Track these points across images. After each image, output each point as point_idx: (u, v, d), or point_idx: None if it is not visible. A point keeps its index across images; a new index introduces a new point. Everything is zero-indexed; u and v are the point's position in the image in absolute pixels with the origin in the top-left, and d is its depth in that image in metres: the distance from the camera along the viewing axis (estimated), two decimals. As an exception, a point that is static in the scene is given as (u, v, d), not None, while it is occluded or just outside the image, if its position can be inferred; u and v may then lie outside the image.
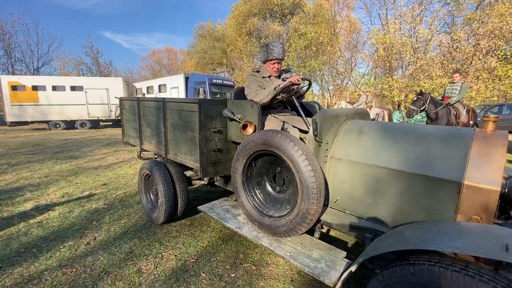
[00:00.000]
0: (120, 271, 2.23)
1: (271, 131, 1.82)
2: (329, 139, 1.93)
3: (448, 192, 1.42)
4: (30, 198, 3.97)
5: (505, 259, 0.90)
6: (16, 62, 28.06)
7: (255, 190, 2.10)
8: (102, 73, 30.13)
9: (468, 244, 1.01)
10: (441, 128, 1.73)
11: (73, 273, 2.19)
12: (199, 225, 3.06)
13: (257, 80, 2.32)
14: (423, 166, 1.52)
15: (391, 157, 1.65)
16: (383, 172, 1.66)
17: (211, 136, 2.37)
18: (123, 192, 4.21)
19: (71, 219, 3.25)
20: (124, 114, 3.80)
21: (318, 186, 1.61)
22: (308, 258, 1.69)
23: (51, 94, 15.47)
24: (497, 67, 13.65)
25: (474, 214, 1.36)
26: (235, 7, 25.83)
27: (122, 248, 2.57)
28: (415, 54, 15.21)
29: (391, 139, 1.74)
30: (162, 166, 2.87)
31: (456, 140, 1.51)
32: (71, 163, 6.32)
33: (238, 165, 2.05)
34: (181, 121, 2.54)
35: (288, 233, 1.79)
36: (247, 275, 2.16)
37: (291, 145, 1.67)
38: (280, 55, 2.33)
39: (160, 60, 45.00)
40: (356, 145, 1.85)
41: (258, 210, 2.00)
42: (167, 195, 2.75)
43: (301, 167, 1.63)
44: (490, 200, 1.31)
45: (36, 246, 2.62)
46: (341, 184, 1.90)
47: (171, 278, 2.12)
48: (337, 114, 1.99)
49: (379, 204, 1.71)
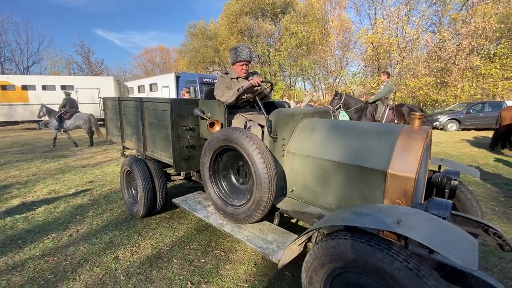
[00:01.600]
0: (98, 258, 2.41)
1: (231, 128, 2.02)
2: (286, 135, 2.14)
3: (377, 180, 1.65)
4: (17, 195, 4.11)
5: (393, 230, 1.11)
6: (5, 61, 27.73)
7: (221, 182, 2.30)
8: (93, 72, 29.94)
9: (372, 219, 1.22)
10: (377, 124, 1.95)
11: (55, 261, 2.37)
12: (177, 218, 3.26)
13: (225, 81, 2.51)
14: (358, 158, 1.74)
15: (334, 151, 1.87)
16: (328, 164, 1.88)
17: (183, 134, 2.56)
18: (108, 189, 4.37)
19: (56, 214, 3.41)
20: (108, 113, 3.96)
21: (270, 176, 1.82)
22: (262, 241, 1.90)
23: (41, 93, 15.39)
24: (480, 66, 14.09)
25: (397, 198, 1.58)
26: (227, 6, 25.91)
27: (102, 239, 2.75)
28: (401, 54, 15.56)
29: (336, 135, 1.95)
30: (141, 162, 3.05)
31: (386, 135, 1.74)
32: (59, 162, 6.44)
33: (205, 159, 2.25)
34: (156, 120, 2.73)
35: (247, 219, 2.00)
36: (216, 260, 2.36)
37: (247, 141, 1.87)
38: (248, 58, 2.53)
39: (153, 59, 44.76)
40: (308, 141, 2.07)
41: (223, 200, 2.21)
42: (145, 189, 2.93)
43: (255, 160, 1.83)
44: (407, 185, 1.53)
45: (21, 238, 2.78)
46: (296, 176, 2.11)
47: (145, 264, 2.31)
48: (293, 113, 2.19)
49: (326, 193, 1.93)
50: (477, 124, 12.54)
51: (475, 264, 0.96)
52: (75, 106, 8.89)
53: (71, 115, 8.47)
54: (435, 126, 13.28)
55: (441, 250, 0.97)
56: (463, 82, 14.95)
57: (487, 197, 3.91)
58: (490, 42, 14.63)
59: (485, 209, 3.46)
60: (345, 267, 1.30)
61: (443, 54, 14.62)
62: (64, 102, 8.62)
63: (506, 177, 4.91)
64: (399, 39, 16.05)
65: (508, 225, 3.03)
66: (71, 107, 8.67)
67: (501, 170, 5.40)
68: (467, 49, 13.61)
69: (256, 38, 22.91)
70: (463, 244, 1.06)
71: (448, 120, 12.96)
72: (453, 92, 14.81)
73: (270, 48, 23.26)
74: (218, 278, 2.12)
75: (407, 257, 1.10)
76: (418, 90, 14.96)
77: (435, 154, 7.10)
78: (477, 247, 1.07)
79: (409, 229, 1.09)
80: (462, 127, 12.78)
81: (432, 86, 14.93)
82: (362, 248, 1.20)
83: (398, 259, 1.10)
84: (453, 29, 15.04)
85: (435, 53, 15.29)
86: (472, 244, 1.08)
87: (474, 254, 1.01)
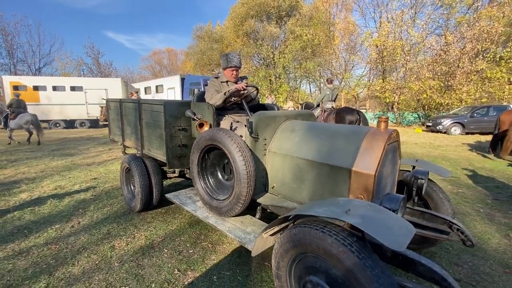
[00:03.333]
0: (96, 247, 2.62)
1: (216, 128, 2.21)
2: (267, 135, 2.31)
3: (343, 177, 1.81)
4: (26, 190, 4.38)
5: (340, 218, 1.27)
6: (18, 62, 28.66)
7: (208, 178, 2.48)
8: (102, 74, 30.67)
9: (326, 210, 1.38)
10: (348, 126, 2.11)
11: (56, 249, 2.59)
12: (172, 213, 3.45)
13: (215, 85, 2.71)
14: (328, 157, 1.90)
15: (309, 150, 2.04)
16: (303, 162, 2.04)
17: (176, 133, 2.76)
18: (110, 186, 4.61)
19: (60, 207, 3.65)
20: (110, 114, 4.20)
21: (248, 173, 1.99)
22: (242, 232, 2.07)
23: (51, 94, 15.95)
24: (485, 69, 13.97)
25: (360, 194, 1.74)
26: (233, 9, 26.26)
27: (101, 230, 2.97)
28: (405, 57, 15.54)
29: (311, 136, 2.12)
30: (139, 160, 3.26)
31: (354, 136, 1.89)
32: (66, 160, 6.74)
33: (194, 157, 2.44)
34: (152, 120, 2.94)
35: (229, 212, 2.18)
36: (203, 251, 2.54)
37: (228, 140, 2.06)
38: (237, 64, 2.73)
39: (161, 61, 45.59)
40: (287, 141, 2.24)
41: (209, 194, 2.39)
42: (142, 185, 3.13)
43: (236, 157, 2.01)
44: (368, 182, 1.69)
45: (27, 228, 3.02)
46: (276, 173, 2.28)
47: (138, 253, 2.51)
48: (275, 116, 2.36)
49: (301, 189, 2.09)
50: (482, 128, 12.44)
51: (403, 246, 1.11)
52: (22, 107, 9.31)
53: (16, 115, 8.87)
54: (439, 129, 13.23)
55: (372, 232, 1.12)
56: (468, 85, 14.83)
57: (475, 199, 4.00)
58: (496, 45, 14.49)
59: (470, 210, 3.55)
60: (304, 252, 1.47)
61: (448, 57, 14.55)
62: (11, 102, 9.15)
63: (500, 180, 4.96)
64: (403, 42, 16.04)
65: (489, 226, 3.13)
66: (17, 107, 9.09)
67: (496, 173, 5.44)
68: (471, 53, 13.52)
69: (261, 41, 23.15)
70: (398, 230, 1.21)
71: (451, 124, 12.91)
72: (458, 95, 14.70)
73: (275, 50, 23.46)
74: (203, 267, 2.30)
75: (351, 242, 1.26)
76: (422, 94, 14.90)
77: (433, 157, 7.15)
78: (411, 234, 1.22)
79: (353, 217, 1.25)
80: (466, 131, 12.70)
81: (436, 89, 14.86)
82: (316, 235, 1.36)
83: (343, 244, 1.26)
84: (458, 32, 14.96)
85: (439, 56, 15.23)
86: (407, 231, 1.23)
87: (405, 239, 1.16)
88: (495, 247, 2.65)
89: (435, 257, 2.45)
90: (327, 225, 1.40)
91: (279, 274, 1.64)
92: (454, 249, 2.60)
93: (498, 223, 3.19)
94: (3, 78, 15.40)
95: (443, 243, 2.66)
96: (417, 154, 7.56)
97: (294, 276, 1.58)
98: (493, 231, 3.00)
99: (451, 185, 4.64)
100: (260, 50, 23.52)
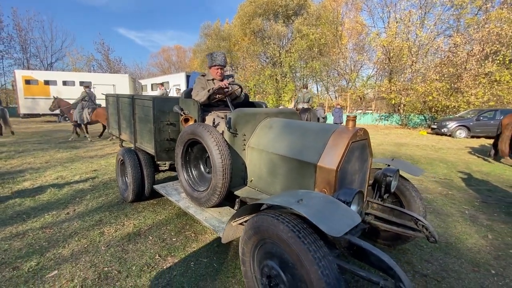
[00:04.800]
0: (87, 232, 2.80)
1: (197, 124, 2.34)
2: (247, 132, 2.43)
3: (310, 172, 1.91)
4: (29, 178, 4.62)
5: (291, 206, 1.38)
6: (31, 57, 29.51)
7: (191, 171, 2.62)
8: (112, 69, 31.28)
9: (282, 200, 1.49)
10: (320, 124, 2.21)
11: (50, 232, 2.77)
12: (163, 204, 3.61)
13: (201, 82, 2.84)
14: (298, 153, 2.01)
15: (282, 146, 2.15)
16: (277, 158, 2.16)
17: (164, 128, 2.90)
18: (109, 177, 4.81)
19: (59, 195, 3.86)
20: (109, 109, 4.38)
21: (224, 166, 2.11)
22: (217, 221, 2.20)
23: (61, 88, 16.40)
24: (494, 72, 13.69)
25: (323, 187, 1.84)
26: (241, 7, 26.35)
27: (93, 218, 3.15)
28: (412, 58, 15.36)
29: (286, 133, 2.22)
30: (132, 153, 3.43)
31: (322, 134, 1.99)
32: (71, 152, 7.01)
33: (178, 150, 2.58)
34: (143, 115, 3.09)
35: (207, 203, 2.31)
36: (185, 240, 2.69)
37: (207, 134, 2.18)
38: (222, 63, 2.86)
39: (170, 58, 46.11)
40: (265, 137, 2.35)
41: (191, 186, 2.53)
42: (134, 177, 3.30)
43: (213, 151, 2.14)
44: (330, 176, 1.79)
45: (26, 213, 3.23)
46: (254, 168, 2.40)
47: (124, 239, 2.67)
48: (255, 113, 2.48)
49: (275, 182, 2.20)
50: (488, 132, 12.20)
51: (340, 233, 1.21)
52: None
53: None
54: (443, 132, 13.06)
55: (314, 219, 1.23)
56: (476, 88, 14.57)
57: (463, 201, 4.02)
58: (507, 48, 14.17)
59: (455, 212, 3.59)
60: (264, 239, 1.58)
61: (456, 59, 14.32)
62: None
63: (493, 184, 4.95)
64: (410, 43, 15.84)
65: (470, 227, 3.17)
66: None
67: (491, 177, 5.42)
68: (478, 55, 13.26)
69: (268, 39, 23.18)
70: (341, 219, 1.31)
71: (456, 127, 12.71)
72: (465, 98, 14.46)
73: (281, 49, 23.47)
74: (183, 253, 2.44)
75: (300, 229, 1.37)
76: (428, 96, 14.70)
77: (431, 159, 7.13)
78: (354, 223, 1.32)
79: (302, 206, 1.35)
80: (471, 135, 12.50)
81: (443, 91, 14.65)
82: (271, 222, 1.48)
83: (292, 230, 1.37)
84: (467, 34, 14.70)
85: (447, 58, 14.99)
86: (351, 220, 1.33)
87: (345, 227, 1.26)
88: (470, 247, 2.71)
89: (407, 254, 2.53)
90: (282, 213, 1.51)
91: (244, 259, 1.77)
92: (428, 247, 2.67)
93: (480, 224, 3.23)
94: (16, 72, 15.94)
95: (418, 241, 2.74)
96: (415, 156, 7.55)
97: (256, 261, 1.71)
98: (472, 232, 3.04)
99: (442, 187, 4.66)
100: (267, 49, 23.57)
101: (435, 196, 4.15)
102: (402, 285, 1.40)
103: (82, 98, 9.02)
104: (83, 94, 9.06)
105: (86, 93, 9.10)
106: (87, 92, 9.13)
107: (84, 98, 9.02)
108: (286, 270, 1.47)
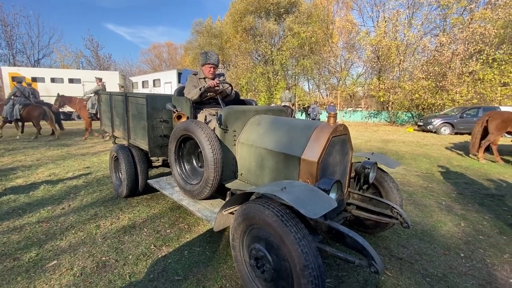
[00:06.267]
0: (83, 226, 2.90)
1: (189, 120, 2.48)
2: (237, 128, 2.58)
3: (295, 164, 2.08)
4: (22, 176, 4.65)
5: (275, 193, 1.54)
6: (17, 53, 28.73)
7: (184, 165, 2.76)
8: (101, 66, 30.76)
9: (268, 189, 1.65)
10: (304, 121, 2.38)
11: (47, 226, 2.87)
12: (156, 199, 3.73)
13: (193, 81, 2.96)
14: (284, 147, 2.17)
15: (270, 141, 2.31)
16: (265, 152, 2.32)
17: (157, 125, 3.02)
18: (102, 174, 4.88)
19: (53, 192, 3.92)
20: (102, 106, 4.45)
21: (215, 160, 2.26)
22: (209, 212, 2.35)
23: (49, 85, 16.14)
24: (477, 71, 14.20)
25: (306, 178, 2.01)
26: (233, 4, 26.31)
27: (89, 212, 3.25)
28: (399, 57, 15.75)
29: (273, 129, 2.38)
30: (126, 149, 3.53)
31: (306, 129, 2.16)
32: (62, 150, 7.01)
33: (171, 146, 2.71)
34: (137, 112, 3.20)
35: (199, 195, 2.45)
36: (179, 231, 2.83)
37: (199, 130, 2.32)
38: (215, 62, 2.99)
39: (160, 54, 45.61)
40: (254, 133, 2.50)
41: (184, 180, 2.67)
42: (128, 172, 3.40)
43: (205, 146, 2.28)
44: (312, 168, 1.96)
45: (22, 209, 3.30)
46: (244, 162, 2.55)
47: (120, 231, 2.79)
48: (244, 110, 2.63)
49: (263, 175, 2.36)
50: (471, 128, 12.56)
51: (317, 215, 1.38)
52: None
53: None
54: (429, 129, 13.51)
55: (294, 204, 1.40)
56: (460, 86, 15.08)
57: (441, 193, 4.28)
58: (490, 47, 14.70)
59: (433, 203, 3.84)
60: (252, 225, 1.74)
61: (441, 58, 14.78)
62: None
63: (471, 177, 5.25)
64: (398, 42, 16.23)
65: (445, 216, 3.42)
66: None
67: (470, 171, 5.73)
68: (462, 54, 13.74)
69: (259, 37, 23.27)
70: (318, 203, 1.48)
71: (441, 124, 13.18)
72: (450, 96, 14.96)
73: (273, 47, 23.61)
74: (177, 243, 2.59)
75: (283, 213, 1.54)
76: (415, 93, 15.15)
77: (416, 155, 7.44)
78: (330, 207, 1.49)
79: (285, 193, 1.52)
80: (455, 131, 12.99)
81: (428, 89, 15.11)
82: (258, 208, 1.64)
83: (276, 214, 1.53)
84: (452, 34, 15.17)
85: (433, 57, 15.45)
86: (328, 205, 1.50)
87: (321, 210, 1.43)
88: (443, 234, 2.95)
89: (386, 240, 2.74)
90: (268, 201, 1.67)
91: (234, 244, 1.93)
92: (405, 234, 2.89)
93: (455, 214, 3.48)
94: (2, 69, 15.58)
95: (396, 229, 2.96)
96: (400, 152, 7.85)
97: (245, 245, 1.87)
98: (447, 220, 3.29)
99: (423, 180, 4.93)
100: (258, 47, 23.66)
101: (416, 189, 4.41)
102: (374, 263, 1.59)
103: (13, 93, 8.74)
104: (14, 90, 8.78)
105: (17, 88, 8.79)
106: (18, 87, 8.81)
107: (15, 93, 8.72)
108: (271, 251, 1.64)
